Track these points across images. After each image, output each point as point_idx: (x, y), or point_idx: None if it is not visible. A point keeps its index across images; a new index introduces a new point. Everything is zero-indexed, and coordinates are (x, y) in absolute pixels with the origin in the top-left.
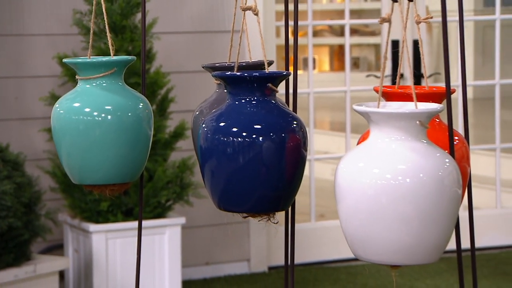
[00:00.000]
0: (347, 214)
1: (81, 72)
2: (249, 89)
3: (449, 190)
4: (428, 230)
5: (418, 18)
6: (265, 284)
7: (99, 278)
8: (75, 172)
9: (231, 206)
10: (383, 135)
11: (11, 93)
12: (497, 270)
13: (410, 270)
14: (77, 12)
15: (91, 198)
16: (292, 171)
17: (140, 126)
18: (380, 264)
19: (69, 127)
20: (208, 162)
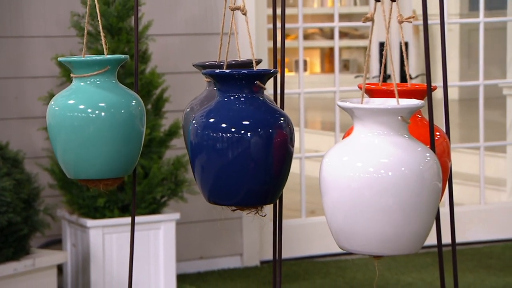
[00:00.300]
0: (332, 206)
1: (75, 70)
2: (238, 86)
3: (429, 183)
4: (409, 221)
5: (400, 18)
6: (257, 278)
7: (96, 271)
8: (70, 167)
9: (221, 199)
10: (366, 130)
11: (11, 93)
12: (480, 264)
13: (397, 264)
14: (75, 15)
15: (88, 195)
16: (279, 165)
17: (132, 123)
18: (363, 255)
19: (64, 123)
20: (198, 157)
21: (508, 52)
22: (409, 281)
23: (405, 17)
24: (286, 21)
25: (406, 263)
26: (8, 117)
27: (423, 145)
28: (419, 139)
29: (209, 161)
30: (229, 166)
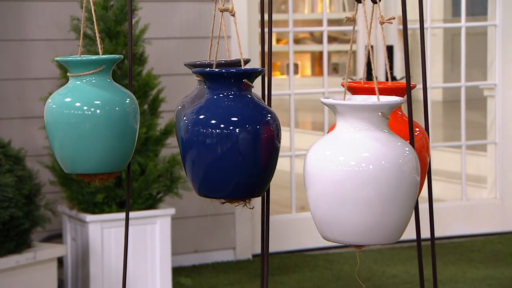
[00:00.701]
0: (316, 198)
1: (72, 69)
2: (227, 84)
3: (408, 176)
4: (389, 212)
5: (382, 19)
6: (249, 271)
7: (95, 264)
8: (67, 162)
9: (210, 192)
10: (348, 126)
11: (13, 93)
12: (462, 257)
13: (382, 257)
14: (75, 19)
15: (87, 191)
16: (266, 160)
17: (127, 120)
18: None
19: (61, 120)
20: (189, 152)
21: (488, 55)
22: (393, 273)
23: (386, 18)
24: (279, 26)
25: (391, 256)
26: (10, 117)
27: (403, 140)
28: (399, 134)
29: (199, 156)
30: (218, 160)
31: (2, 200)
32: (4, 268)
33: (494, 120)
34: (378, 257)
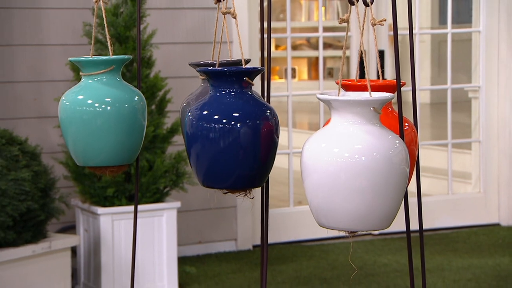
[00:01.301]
0: (312, 188)
1: (84, 69)
2: (229, 82)
3: (398, 167)
4: (380, 201)
5: (373, 21)
6: (250, 260)
7: (106, 253)
8: (80, 155)
9: (214, 183)
10: (342, 120)
11: (30, 95)
12: (448, 247)
13: (374, 247)
14: (87, 25)
15: (99, 185)
16: (265, 153)
17: (135, 116)
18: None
19: (74, 116)
20: (194, 146)
21: (473, 60)
22: (384, 262)
23: (378, 20)
24: (278, 33)
25: (382, 246)
26: (28, 116)
27: (393, 133)
28: (389, 128)
29: (203, 149)
30: (221, 153)
31: (20, 193)
32: (21, 257)
33: (478, 120)
34: (369, 247)
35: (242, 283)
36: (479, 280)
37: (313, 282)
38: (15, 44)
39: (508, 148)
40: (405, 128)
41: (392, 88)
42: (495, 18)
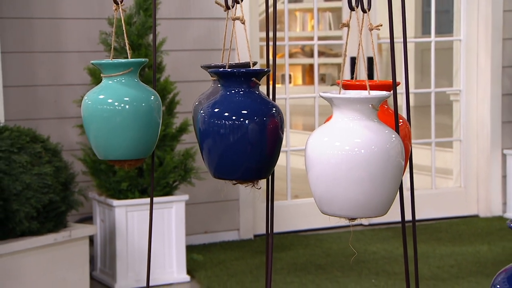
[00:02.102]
0: (315, 179)
1: (105, 71)
2: (238, 82)
3: (394, 159)
4: (378, 190)
5: (371, 26)
6: (251, 248)
7: (121, 242)
8: (101, 150)
9: (224, 175)
10: (343, 116)
11: (51, 97)
12: (432, 237)
13: (364, 237)
14: (103, 33)
15: (114, 180)
16: (271, 147)
17: (151, 114)
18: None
19: (96, 114)
20: (205, 141)
21: (454, 66)
22: (374, 250)
23: (374, 25)
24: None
25: (372, 236)
26: (49, 117)
27: (390, 128)
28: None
29: (214, 144)
30: (230, 147)
31: (43, 187)
32: (44, 244)
33: (459, 121)
34: (360, 237)
35: (245, 269)
36: (461, 266)
37: (309, 268)
38: (37, 51)
39: (486, 146)
40: (400, 124)
41: (387, 88)
42: (474, 28)
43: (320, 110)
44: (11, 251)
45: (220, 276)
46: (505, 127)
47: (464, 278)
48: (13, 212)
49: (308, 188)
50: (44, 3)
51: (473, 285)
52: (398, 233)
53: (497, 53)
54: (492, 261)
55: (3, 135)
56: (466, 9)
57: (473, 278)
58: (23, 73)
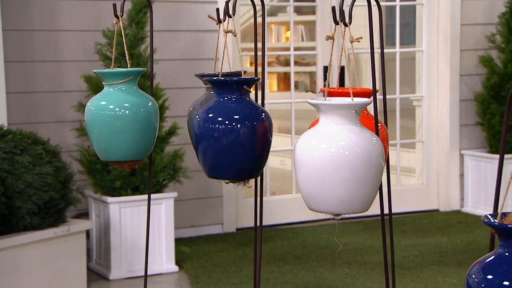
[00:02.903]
0: (303, 178)
1: (106, 79)
2: (230, 90)
3: (375, 160)
4: (360, 189)
5: (352, 38)
6: (234, 241)
7: (115, 236)
8: (103, 152)
9: (217, 175)
10: (329, 121)
11: (50, 103)
12: (397, 229)
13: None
14: (98, 44)
15: (108, 179)
16: (261, 149)
17: (149, 119)
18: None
19: (98, 119)
20: (200, 144)
21: (416, 74)
22: (345, 242)
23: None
24: (253, 52)
25: (344, 229)
26: (48, 121)
27: (371, 132)
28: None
29: (208, 146)
30: (223, 149)
31: (43, 185)
32: (45, 238)
33: (421, 124)
34: (333, 230)
35: (228, 260)
36: (424, 255)
37: (287, 259)
38: (37, 61)
39: (446, 147)
40: (378, 128)
41: (366, 95)
42: (434, 40)
43: (297, 114)
44: (15, 244)
45: (206, 267)
46: (462, 129)
47: (427, 267)
48: (16, 209)
49: (284, 185)
50: (43, 16)
51: (435, 273)
52: (367, 226)
53: (455, 63)
54: (452, 251)
55: (7, 138)
56: (427, 23)
57: (435, 267)
58: (24, 80)
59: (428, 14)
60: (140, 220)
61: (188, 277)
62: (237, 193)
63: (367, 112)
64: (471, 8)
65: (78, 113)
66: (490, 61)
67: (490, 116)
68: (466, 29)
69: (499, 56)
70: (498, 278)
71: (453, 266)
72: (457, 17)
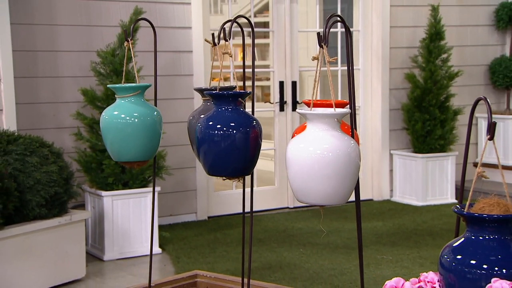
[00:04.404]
0: (294, 175)
1: (119, 93)
2: (227, 101)
3: (353, 160)
4: (341, 184)
5: (328, 59)
6: (206, 227)
7: (108, 224)
8: (115, 154)
9: (216, 173)
10: (315, 127)
11: (51, 112)
12: (340, 216)
13: (291, 217)
14: (93, 63)
15: (102, 176)
16: (253, 152)
17: (155, 126)
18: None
19: (111, 126)
20: (202, 146)
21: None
22: (299, 227)
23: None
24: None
25: (296, 216)
26: (50, 127)
27: (349, 136)
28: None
29: (209, 148)
30: (221, 152)
31: (50, 182)
32: (51, 226)
33: (358, 129)
34: (288, 217)
35: (203, 243)
36: (364, 237)
37: (253, 241)
38: (40, 76)
39: (378, 148)
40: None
41: (342, 106)
42: (369, 60)
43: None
44: (26, 231)
45: (185, 249)
46: (391, 133)
47: (367, 247)
48: (27, 201)
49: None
50: (45, 39)
51: (374, 252)
52: (315, 213)
53: (386, 79)
54: (386, 233)
55: (18, 141)
56: (363, 46)
57: (373, 246)
58: (29, 93)
59: (363, 39)
60: (129, 210)
61: (170, 257)
62: (209, 187)
63: (342, 120)
64: (398, 34)
65: (76, 121)
66: (414, 77)
67: (414, 123)
68: (394, 51)
69: (421, 73)
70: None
71: (388, 245)
72: (387, 41)
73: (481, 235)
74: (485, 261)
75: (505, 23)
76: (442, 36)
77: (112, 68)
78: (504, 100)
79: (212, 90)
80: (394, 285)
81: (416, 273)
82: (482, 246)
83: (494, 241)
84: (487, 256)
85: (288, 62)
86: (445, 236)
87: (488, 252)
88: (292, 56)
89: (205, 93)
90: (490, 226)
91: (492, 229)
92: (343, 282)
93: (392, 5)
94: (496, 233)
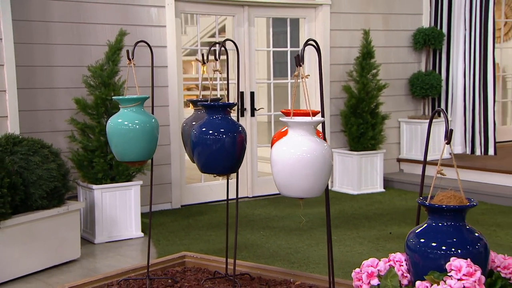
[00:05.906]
0: (278, 173)
1: (122, 103)
2: (217, 110)
3: (328, 160)
4: (318, 180)
5: (302, 75)
6: (180, 214)
7: (98, 213)
8: (119, 155)
9: (208, 171)
10: (295, 133)
11: (47, 118)
12: (292, 203)
13: (251, 205)
14: (84, 76)
15: (93, 172)
16: (239, 153)
17: (153, 131)
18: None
19: (116, 132)
20: (196, 149)
21: (301, 97)
22: (258, 213)
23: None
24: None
25: (255, 204)
26: (46, 131)
27: (322, 140)
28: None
29: (202, 150)
30: (213, 153)
31: (50, 177)
32: (51, 215)
33: None
34: (247, 205)
35: (178, 228)
36: (313, 221)
37: (220, 226)
38: (38, 88)
39: None
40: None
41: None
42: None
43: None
44: (30, 220)
45: (163, 233)
46: (332, 135)
47: (316, 229)
48: (31, 194)
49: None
50: (42, 55)
51: (322, 233)
52: (271, 201)
53: (327, 90)
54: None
55: (22, 143)
56: (308, 62)
57: (321, 228)
58: (29, 102)
59: (309, 57)
60: (116, 201)
61: (152, 240)
62: (182, 180)
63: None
64: (337, 53)
65: (69, 125)
66: (350, 89)
67: (350, 126)
68: (334, 67)
69: (355, 85)
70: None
71: (332, 228)
72: (328, 59)
73: (440, 222)
74: (444, 243)
75: (421, 45)
76: (372, 55)
77: (101, 80)
78: (421, 107)
79: (204, 101)
80: (370, 264)
81: (357, 250)
82: (441, 231)
83: (451, 227)
84: (446, 239)
85: (247, 75)
86: (378, 219)
87: (446, 236)
88: (250, 70)
89: (199, 104)
90: (447, 215)
91: (449, 217)
92: (298, 259)
93: (331, 29)
94: (453, 220)
